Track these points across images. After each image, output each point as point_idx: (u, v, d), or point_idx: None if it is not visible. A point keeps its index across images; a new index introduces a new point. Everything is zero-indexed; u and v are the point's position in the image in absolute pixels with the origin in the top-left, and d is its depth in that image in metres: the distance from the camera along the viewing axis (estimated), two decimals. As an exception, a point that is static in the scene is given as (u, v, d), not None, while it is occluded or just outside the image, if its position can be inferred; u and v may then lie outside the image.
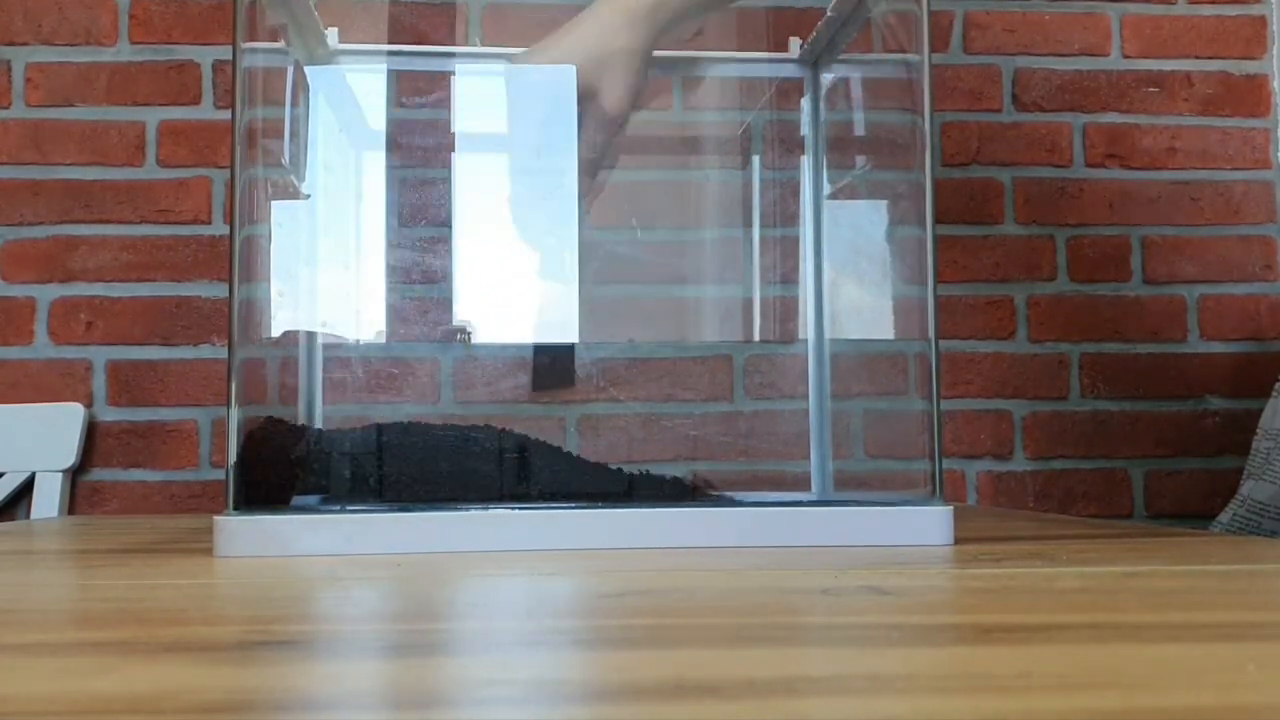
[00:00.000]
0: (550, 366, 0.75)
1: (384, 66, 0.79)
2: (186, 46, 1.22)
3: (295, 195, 0.72)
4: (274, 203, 0.70)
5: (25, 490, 1.16)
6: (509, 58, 0.74)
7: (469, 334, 0.75)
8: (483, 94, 0.77)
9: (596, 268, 0.80)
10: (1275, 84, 1.29)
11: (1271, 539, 0.81)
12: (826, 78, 0.82)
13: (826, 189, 0.82)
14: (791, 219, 0.86)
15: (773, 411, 1.06)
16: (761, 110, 0.90)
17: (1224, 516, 0.90)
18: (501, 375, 0.79)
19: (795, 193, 0.86)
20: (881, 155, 0.81)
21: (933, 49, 0.81)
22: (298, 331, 0.74)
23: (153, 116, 1.21)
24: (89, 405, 1.18)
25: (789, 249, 0.86)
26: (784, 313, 0.89)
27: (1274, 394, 0.93)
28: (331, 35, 0.76)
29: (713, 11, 0.77)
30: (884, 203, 0.79)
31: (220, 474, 1.17)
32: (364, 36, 0.79)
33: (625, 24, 0.68)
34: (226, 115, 1.21)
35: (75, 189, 1.20)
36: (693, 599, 0.38)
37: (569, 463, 0.62)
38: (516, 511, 0.55)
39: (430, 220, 0.76)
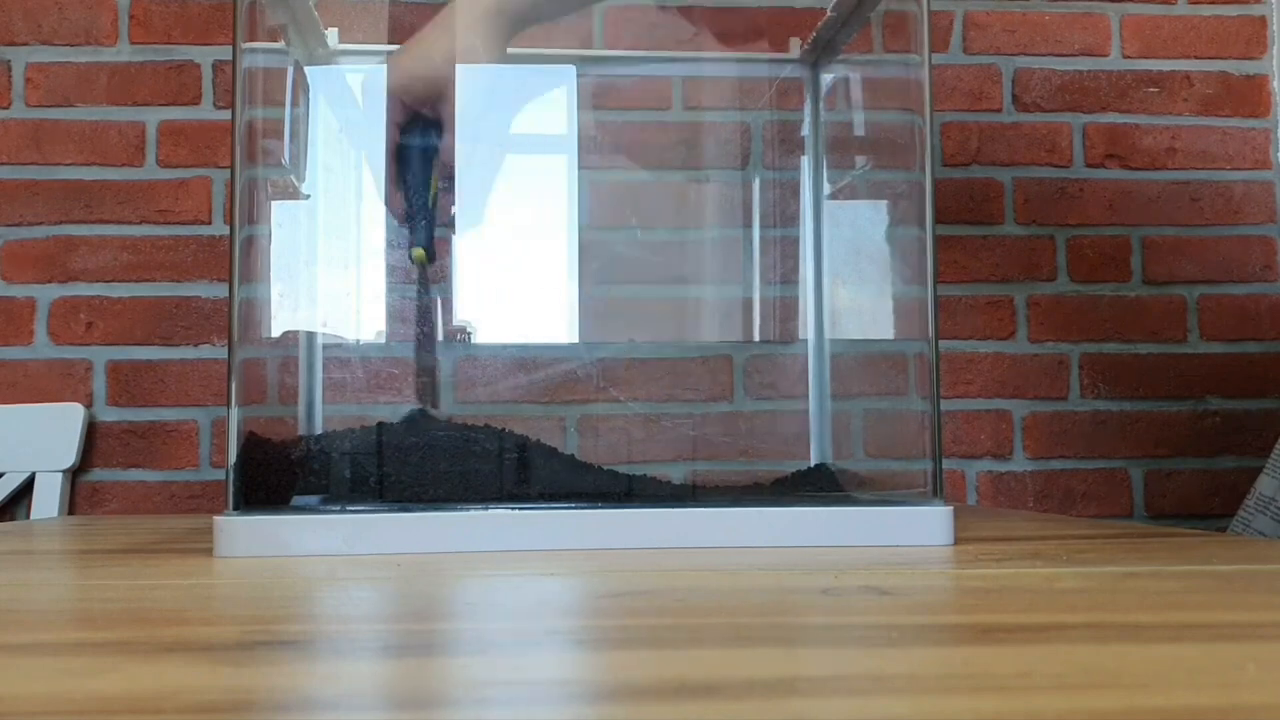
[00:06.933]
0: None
1: (384, 67, 0.79)
2: (186, 46, 1.22)
3: (295, 195, 0.72)
4: (274, 203, 0.70)
5: (25, 490, 1.16)
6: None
7: (469, 334, 0.75)
8: (482, 94, 0.77)
9: (596, 268, 0.80)
10: (1275, 84, 1.29)
11: (1271, 540, 0.81)
12: (826, 78, 0.82)
13: (826, 189, 0.82)
14: (791, 219, 0.86)
15: (773, 411, 1.06)
16: (761, 110, 0.90)
17: (1241, 512, 0.90)
18: (501, 375, 0.79)
19: (795, 193, 0.86)
20: (881, 155, 0.81)
21: (933, 49, 0.81)
22: (298, 331, 0.74)
23: (153, 116, 1.21)
24: (89, 405, 1.18)
25: (789, 249, 0.86)
26: (784, 313, 0.89)
27: None
28: (331, 35, 0.76)
29: (569, 13, 0.77)
30: (884, 203, 0.79)
31: (220, 474, 1.17)
32: (364, 36, 0.79)
33: (477, 24, 0.68)
34: (226, 115, 1.21)
35: (75, 189, 1.20)
36: (693, 599, 0.38)
37: (569, 463, 0.62)
38: (516, 512, 0.55)
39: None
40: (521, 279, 0.76)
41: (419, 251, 0.64)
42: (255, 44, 0.63)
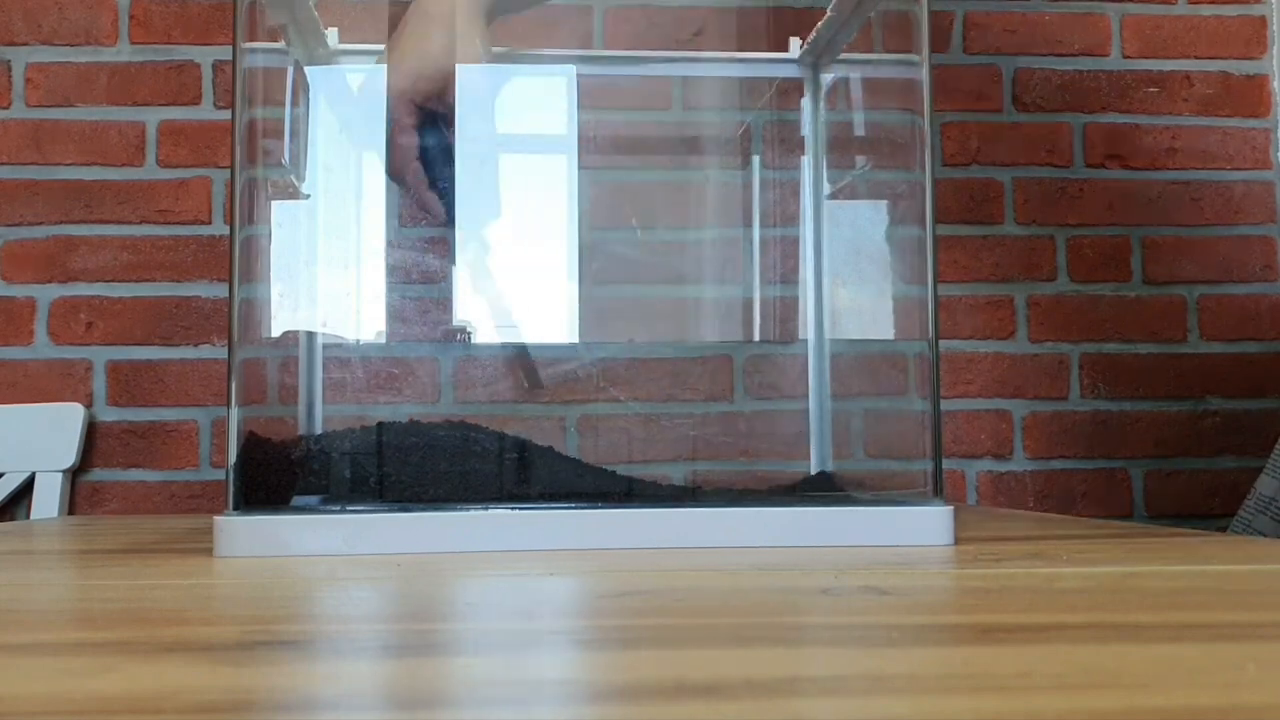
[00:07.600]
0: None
1: (384, 66, 0.79)
2: (186, 46, 1.22)
3: (295, 195, 0.72)
4: (274, 203, 0.70)
5: (25, 490, 1.16)
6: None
7: (469, 334, 0.75)
8: (481, 93, 0.77)
9: (596, 268, 0.80)
10: (1275, 84, 1.29)
11: (1271, 540, 0.81)
12: (826, 78, 0.82)
13: (826, 189, 0.82)
14: (791, 219, 0.86)
15: (773, 412, 1.06)
16: (761, 110, 0.90)
17: (1242, 512, 0.90)
18: (501, 376, 0.79)
19: (795, 193, 0.86)
20: (881, 155, 0.81)
21: (933, 49, 0.81)
22: (298, 331, 0.74)
23: (153, 116, 1.21)
24: (89, 405, 1.18)
25: (789, 249, 0.86)
26: (784, 313, 0.89)
27: None
28: (331, 35, 0.76)
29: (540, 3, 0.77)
30: (884, 203, 0.79)
31: (220, 474, 1.17)
32: (364, 36, 0.79)
33: (457, 11, 0.68)
34: (226, 115, 1.21)
35: (75, 189, 1.20)
36: (693, 599, 0.38)
37: (569, 463, 0.62)
38: (516, 512, 0.55)
39: (430, 220, 0.75)
40: (522, 279, 0.76)
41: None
42: (255, 44, 0.63)
